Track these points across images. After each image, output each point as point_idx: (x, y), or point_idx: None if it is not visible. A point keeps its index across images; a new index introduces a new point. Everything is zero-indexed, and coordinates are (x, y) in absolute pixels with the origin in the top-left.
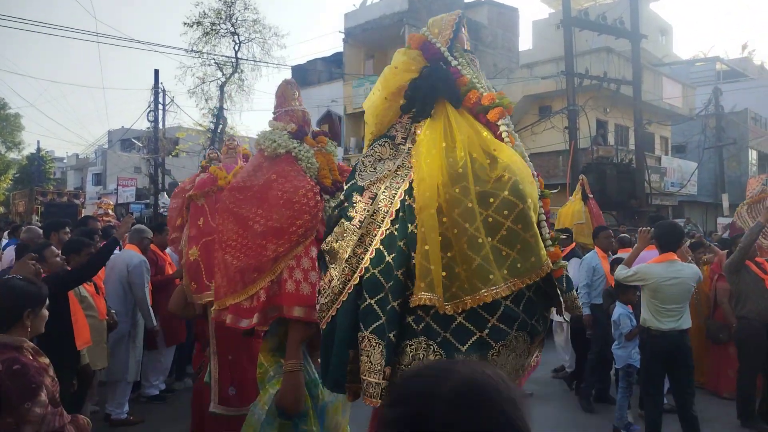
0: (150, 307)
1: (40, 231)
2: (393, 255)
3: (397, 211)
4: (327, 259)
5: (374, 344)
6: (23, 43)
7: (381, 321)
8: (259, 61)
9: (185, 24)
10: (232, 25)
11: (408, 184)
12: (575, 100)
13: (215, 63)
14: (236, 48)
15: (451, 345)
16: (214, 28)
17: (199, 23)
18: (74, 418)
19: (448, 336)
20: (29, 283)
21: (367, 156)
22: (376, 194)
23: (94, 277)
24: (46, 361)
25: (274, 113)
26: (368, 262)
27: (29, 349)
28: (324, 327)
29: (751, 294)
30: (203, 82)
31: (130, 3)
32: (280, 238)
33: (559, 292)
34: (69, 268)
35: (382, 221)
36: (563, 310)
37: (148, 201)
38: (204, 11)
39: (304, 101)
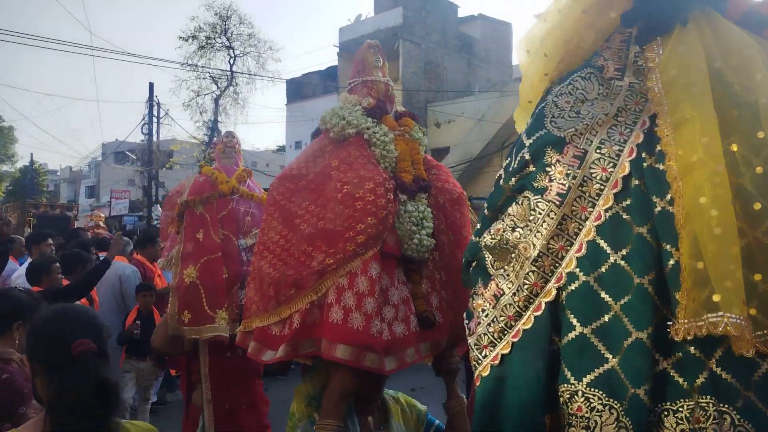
0: None
1: (23, 240)
2: (626, 251)
3: (627, 177)
4: (489, 260)
5: (600, 407)
6: (18, 56)
7: (610, 365)
8: (254, 75)
9: (180, 38)
10: (228, 39)
11: (642, 136)
12: None
13: (210, 76)
14: (231, 61)
15: (762, 415)
16: (209, 41)
17: (194, 37)
18: None
19: (753, 398)
20: (27, 296)
21: (561, 95)
22: (586, 152)
23: None
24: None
25: (349, 84)
26: (574, 264)
27: (17, 361)
28: (485, 375)
29: None
30: (198, 95)
31: (126, 17)
32: (331, 245)
33: None
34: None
35: (598, 196)
36: None
37: (141, 213)
38: (199, 25)
39: (297, 115)
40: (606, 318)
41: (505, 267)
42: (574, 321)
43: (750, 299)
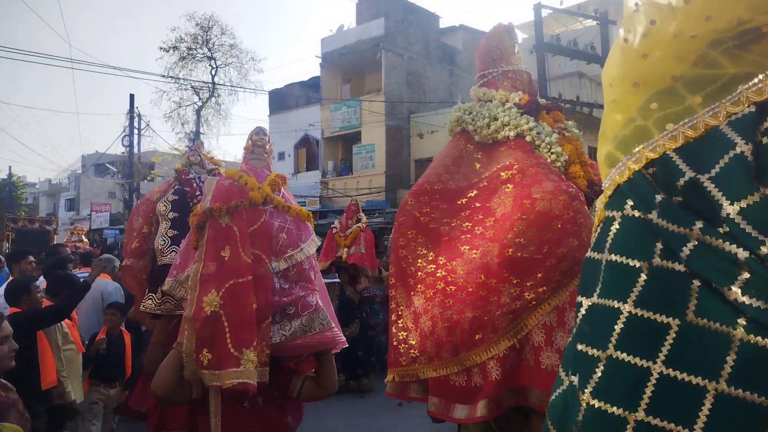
0: None
1: (2, 258)
2: None
3: None
4: None
5: None
6: None
7: None
8: (236, 86)
9: (161, 49)
10: (209, 50)
11: None
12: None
13: (192, 87)
14: (213, 72)
15: None
16: (190, 52)
17: (175, 48)
18: None
19: None
20: None
21: None
22: None
23: None
24: (15, 396)
25: (482, 75)
26: None
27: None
28: None
29: None
30: (179, 107)
31: (105, 28)
32: (527, 276)
33: None
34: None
35: None
36: None
37: (122, 226)
38: (180, 36)
39: (280, 126)
40: None
41: None
42: None
43: None
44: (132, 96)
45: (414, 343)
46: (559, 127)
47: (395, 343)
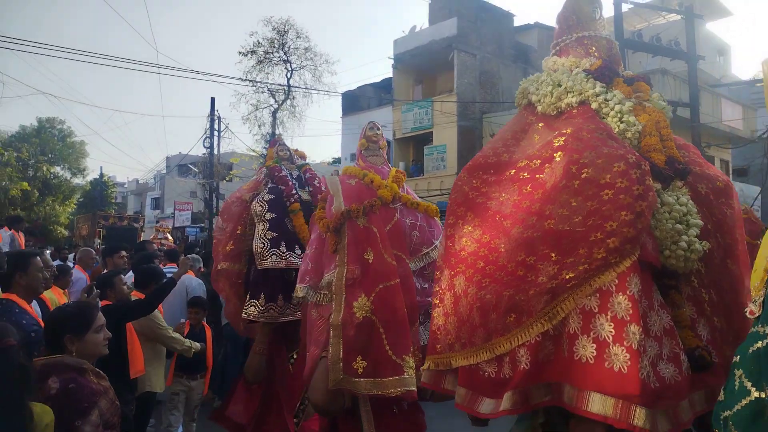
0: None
1: (93, 252)
2: None
3: None
4: None
5: None
6: (89, 74)
7: None
8: (311, 88)
9: (240, 53)
10: (285, 54)
11: None
12: None
13: (268, 90)
14: (288, 75)
15: None
16: (267, 56)
17: (253, 52)
18: None
19: None
20: (77, 308)
21: None
22: None
23: None
24: (106, 384)
25: (555, 44)
26: None
27: (91, 371)
28: None
29: None
30: (257, 109)
31: (189, 35)
32: (568, 252)
33: None
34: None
35: None
36: None
37: (202, 225)
38: (258, 40)
39: (353, 127)
40: None
41: None
42: None
43: None
44: (213, 99)
45: (451, 328)
46: (638, 96)
47: (434, 328)
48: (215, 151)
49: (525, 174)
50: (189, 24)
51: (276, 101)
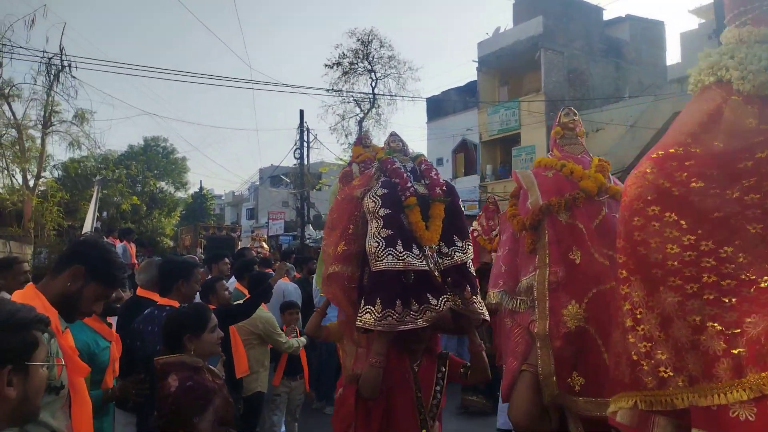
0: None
1: (195, 259)
2: None
3: None
4: None
5: None
6: (188, 93)
7: None
8: (395, 96)
9: (326, 65)
10: (369, 63)
11: None
12: None
13: (354, 100)
14: (373, 84)
15: None
16: (352, 67)
17: (338, 64)
18: None
19: None
20: (193, 309)
21: None
22: None
23: None
24: (221, 382)
25: (738, 14)
26: None
27: (206, 370)
28: None
29: None
30: (343, 119)
31: (279, 50)
32: None
33: None
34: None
35: None
36: None
37: (295, 233)
38: (343, 52)
39: (437, 132)
40: None
41: None
42: None
43: None
44: (302, 111)
45: (663, 357)
46: None
47: (635, 358)
48: (305, 162)
49: (748, 164)
50: (280, 43)
51: (362, 110)
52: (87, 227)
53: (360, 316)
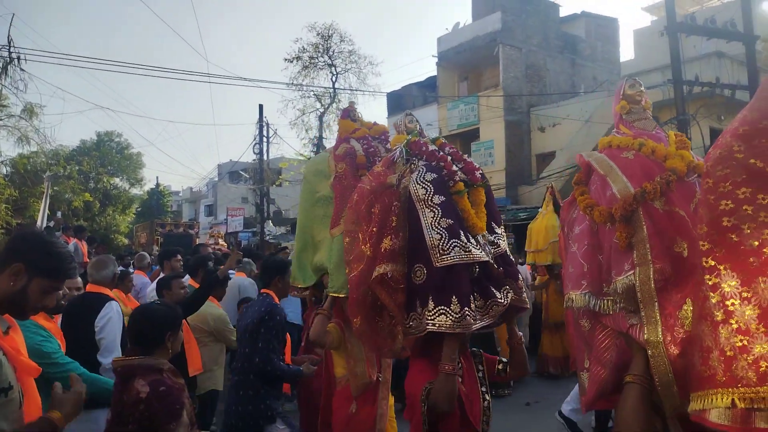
0: None
1: (149, 257)
2: None
3: None
4: None
5: None
6: (144, 87)
7: None
8: (356, 90)
9: (286, 60)
10: (329, 58)
11: None
12: (685, 108)
13: (314, 95)
14: (333, 79)
15: None
16: (312, 61)
17: (298, 58)
18: None
19: None
20: (167, 307)
21: None
22: None
23: None
24: (182, 381)
25: None
26: None
27: (168, 371)
28: None
29: None
30: (303, 114)
31: (236, 44)
32: None
33: None
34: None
35: None
36: None
37: (255, 229)
38: (303, 46)
39: (399, 124)
40: None
41: None
42: None
43: None
44: (261, 106)
45: (764, 351)
46: None
47: (729, 354)
48: (264, 157)
49: None
50: (237, 33)
51: (322, 105)
52: (39, 225)
53: (432, 319)
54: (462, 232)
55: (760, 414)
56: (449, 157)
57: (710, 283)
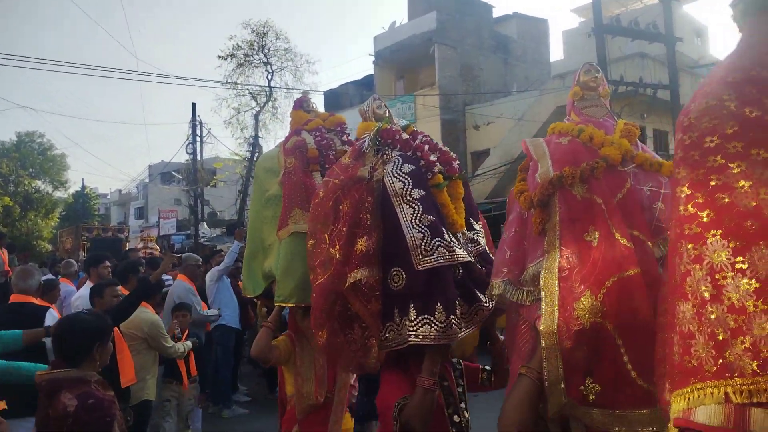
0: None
1: (76, 265)
2: None
3: None
4: None
5: None
6: (70, 86)
7: None
8: (292, 88)
9: (220, 57)
10: (265, 56)
11: None
12: (611, 107)
13: (249, 93)
14: (269, 77)
15: None
16: (247, 59)
17: (233, 55)
18: None
19: None
20: (96, 316)
21: None
22: None
23: None
24: (112, 393)
25: None
26: None
27: (97, 383)
28: None
29: None
30: (238, 113)
31: (168, 41)
32: None
33: None
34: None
35: None
36: None
37: (188, 232)
38: (237, 44)
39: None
40: None
41: None
42: None
43: None
44: (194, 105)
45: (763, 333)
46: None
47: (721, 337)
48: (198, 157)
49: None
50: (168, 30)
51: (258, 104)
52: None
53: (414, 330)
54: (444, 230)
55: (760, 410)
56: (426, 146)
57: (693, 254)
